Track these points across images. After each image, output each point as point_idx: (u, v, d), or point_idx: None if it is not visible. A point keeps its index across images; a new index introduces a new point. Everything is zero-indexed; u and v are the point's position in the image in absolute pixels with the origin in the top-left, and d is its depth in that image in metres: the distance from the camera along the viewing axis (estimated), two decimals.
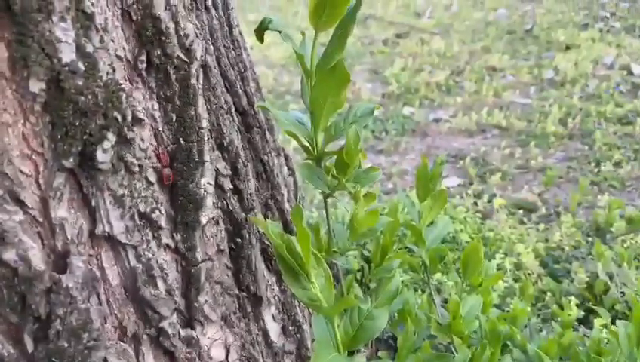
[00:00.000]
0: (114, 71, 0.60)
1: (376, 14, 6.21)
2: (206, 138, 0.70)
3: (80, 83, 0.55)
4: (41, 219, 0.58)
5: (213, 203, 0.73)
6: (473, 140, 3.32)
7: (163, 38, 0.64)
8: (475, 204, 2.60)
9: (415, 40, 5.28)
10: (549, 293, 1.86)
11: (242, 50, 0.99)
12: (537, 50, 4.66)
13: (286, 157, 1.20)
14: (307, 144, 0.90)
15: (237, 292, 0.79)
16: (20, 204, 0.56)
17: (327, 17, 0.80)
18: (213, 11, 0.85)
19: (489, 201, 2.62)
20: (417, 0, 6.64)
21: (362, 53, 5.06)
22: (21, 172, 0.56)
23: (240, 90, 0.90)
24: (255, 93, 1.04)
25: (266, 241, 0.89)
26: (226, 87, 0.86)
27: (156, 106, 0.66)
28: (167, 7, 0.64)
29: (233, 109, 0.83)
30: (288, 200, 1.13)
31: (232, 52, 0.94)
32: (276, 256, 0.73)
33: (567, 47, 4.52)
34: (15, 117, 0.55)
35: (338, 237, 1.04)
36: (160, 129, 0.67)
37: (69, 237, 0.60)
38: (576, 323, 1.66)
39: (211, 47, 0.80)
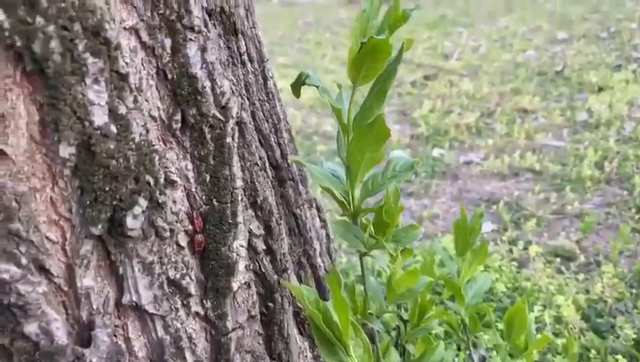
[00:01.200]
0: (147, 132, 0.57)
1: (404, 57, 6.22)
2: (240, 198, 0.66)
3: (112, 146, 0.53)
4: (66, 288, 0.55)
5: (246, 266, 0.69)
6: (506, 184, 3.24)
7: (199, 98, 0.61)
8: (510, 251, 2.51)
9: (443, 82, 5.26)
10: (593, 351, 1.75)
11: (276, 101, 0.97)
12: (569, 91, 4.59)
13: (318, 209, 1.16)
14: (343, 199, 0.86)
15: (268, 361, 0.74)
16: (45, 272, 0.53)
17: (366, 72, 0.77)
18: (249, 65, 0.83)
19: (525, 249, 2.53)
20: (445, 42, 6.66)
21: (390, 95, 5.05)
22: (47, 239, 0.53)
23: (274, 143, 0.87)
24: (288, 145, 1.01)
25: (298, 304, 0.84)
26: (260, 141, 0.83)
27: (190, 166, 0.63)
28: (204, 65, 0.62)
29: (267, 164, 0.80)
30: (321, 255, 1.08)
31: (267, 104, 0.92)
32: (311, 325, 0.68)
33: (600, 89, 4.44)
34: (43, 181, 0.52)
35: (374, 297, 0.98)
36: (193, 189, 0.64)
37: (95, 307, 0.56)
38: None
39: (246, 101, 0.77)
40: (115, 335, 0.58)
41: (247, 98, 0.79)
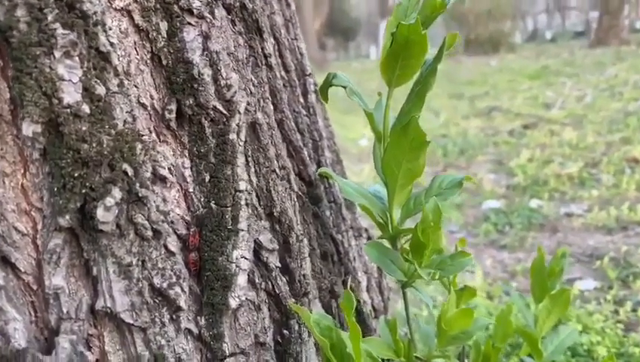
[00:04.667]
0: (134, 120, 0.52)
1: (502, 106, 6.01)
2: (244, 203, 0.59)
3: (83, 128, 0.48)
4: (35, 287, 0.50)
5: (252, 282, 0.61)
6: (612, 238, 2.91)
7: (195, 86, 0.55)
8: (616, 312, 2.20)
9: (544, 131, 4.97)
10: None
11: (318, 117, 0.90)
12: None
13: (370, 239, 1.05)
14: (381, 220, 0.76)
15: None
16: (10, 266, 0.48)
17: (401, 70, 0.68)
18: (279, 72, 0.77)
19: (633, 310, 2.20)
20: (547, 92, 6.36)
21: (485, 144, 4.85)
22: (16, 229, 0.48)
23: (307, 158, 0.79)
24: (332, 165, 0.93)
25: None
26: (289, 152, 0.76)
27: (188, 164, 0.57)
28: (205, 53, 0.56)
29: (293, 176, 0.72)
30: (369, 290, 0.97)
31: (306, 118, 0.85)
32: (322, 357, 0.58)
33: None
34: (14, 166, 0.48)
35: (422, 339, 0.85)
36: (191, 190, 0.57)
37: (65, 310, 0.50)
38: None
39: (270, 106, 0.71)
40: (89, 346, 0.52)
41: (274, 103, 0.73)
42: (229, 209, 0.57)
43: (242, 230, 0.58)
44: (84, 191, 0.48)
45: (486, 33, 11.18)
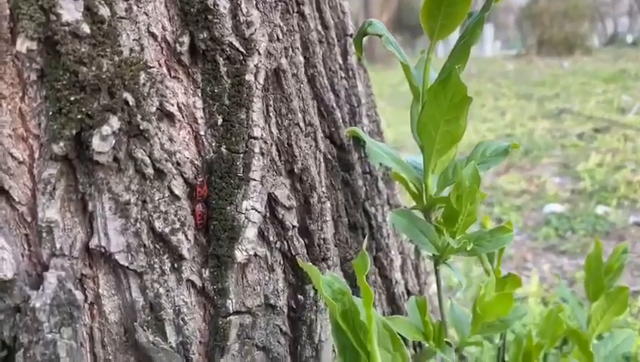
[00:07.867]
0: (142, 49, 0.48)
1: (573, 109, 5.72)
2: (257, 150, 0.54)
3: (82, 49, 0.44)
4: (29, 219, 0.47)
5: (265, 239, 0.56)
6: None
7: (210, 17, 0.51)
8: None
9: (617, 135, 4.68)
10: None
11: (359, 82, 0.84)
12: None
13: None
14: (415, 190, 0.70)
15: None
16: (5, 195, 0.46)
17: (444, 19, 0.61)
18: (315, 25, 0.72)
19: None
20: (623, 96, 5.99)
21: (552, 146, 4.62)
22: (12, 156, 0.46)
23: (341, 121, 0.74)
24: (372, 135, 0.87)
25: None
26: (320, 111, 0.71)
27: (199, 104, 0.53)
28: None
29: (320, 136, 0.67)
30: (403, 271, 0.91)
31: (343, 81, 0.80)
32: (331, 324, 0.52)
33: None
34: (12, 88, 0.45)
35: (455, 323, 0.78)
36: (202, 133, 0.53)
37: (58, 246, 0.47)
38: None
39: (300, 58, 0.66)
40: (83, 287, 0.49)
41: (305, 57, 0.68)
42: (241, 155, 0.53)
43: (254, 179, 0.54)
44: (80, 116, 0.45)
45: (561, 34, 10.69)
